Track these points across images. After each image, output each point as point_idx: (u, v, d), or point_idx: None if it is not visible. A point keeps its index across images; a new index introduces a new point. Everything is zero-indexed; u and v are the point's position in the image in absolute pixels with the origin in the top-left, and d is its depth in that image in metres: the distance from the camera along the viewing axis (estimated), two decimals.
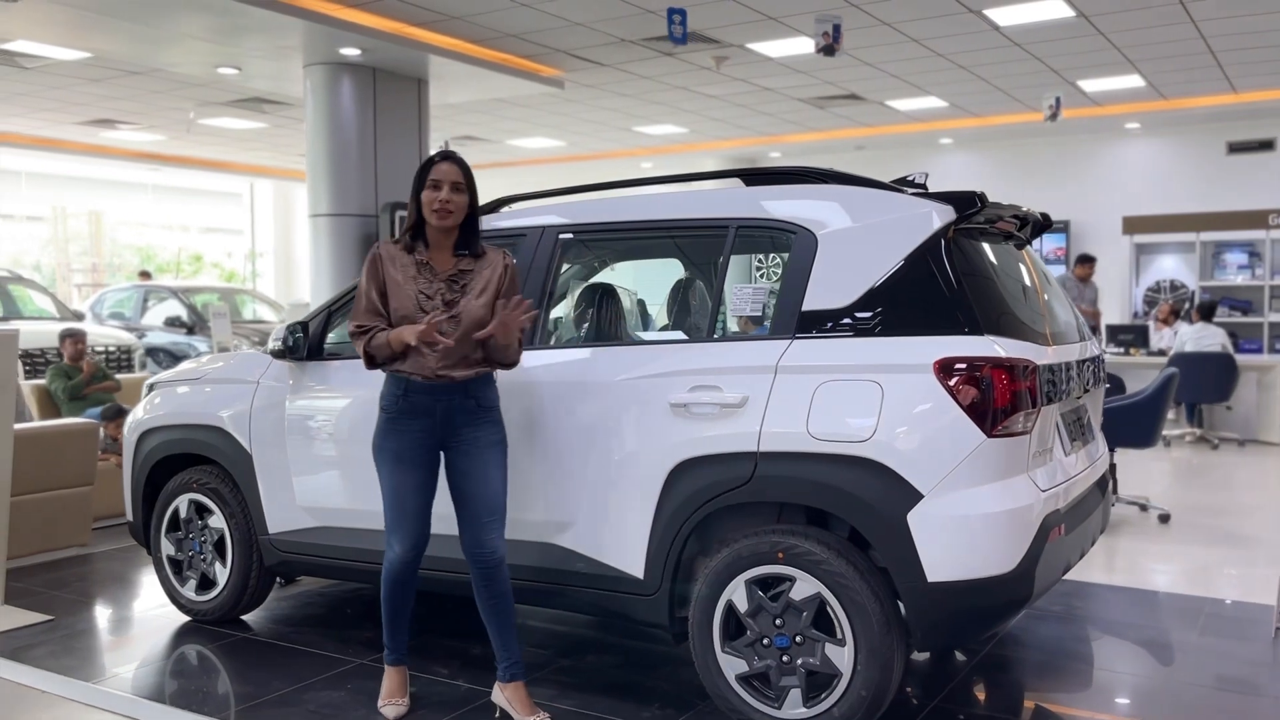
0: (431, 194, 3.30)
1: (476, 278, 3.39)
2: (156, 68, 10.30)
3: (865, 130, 13.79)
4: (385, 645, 3.63)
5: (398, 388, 3.37)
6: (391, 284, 3.35)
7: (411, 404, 3.35)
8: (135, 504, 4.82)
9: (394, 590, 3.52)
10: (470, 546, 3.42)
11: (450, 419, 3.37)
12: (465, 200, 3.33)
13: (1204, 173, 13.18)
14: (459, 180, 3.32)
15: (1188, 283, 13.18)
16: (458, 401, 3.36)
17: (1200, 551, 6.11)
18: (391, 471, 3.39)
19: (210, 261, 21.96)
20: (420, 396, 3.35)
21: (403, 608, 3.56)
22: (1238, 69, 10.42)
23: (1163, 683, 4.04)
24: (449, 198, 3.29)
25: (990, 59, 9.98)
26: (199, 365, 4.88)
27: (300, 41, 8.97)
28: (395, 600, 3.54)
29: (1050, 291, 3.88)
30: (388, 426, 3.40)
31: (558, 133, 14.12)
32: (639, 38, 9.17)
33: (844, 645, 3.13)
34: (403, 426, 3.37)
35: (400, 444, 3.37)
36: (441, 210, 3.30)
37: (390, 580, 3.50)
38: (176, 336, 13.88)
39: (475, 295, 3.36)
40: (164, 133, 14.32)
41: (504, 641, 3.49)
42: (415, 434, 3.37)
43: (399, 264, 3.37)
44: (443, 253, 3.40)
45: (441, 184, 3.30)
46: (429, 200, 3.31)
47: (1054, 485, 3.28)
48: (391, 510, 3.43)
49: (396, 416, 3.37)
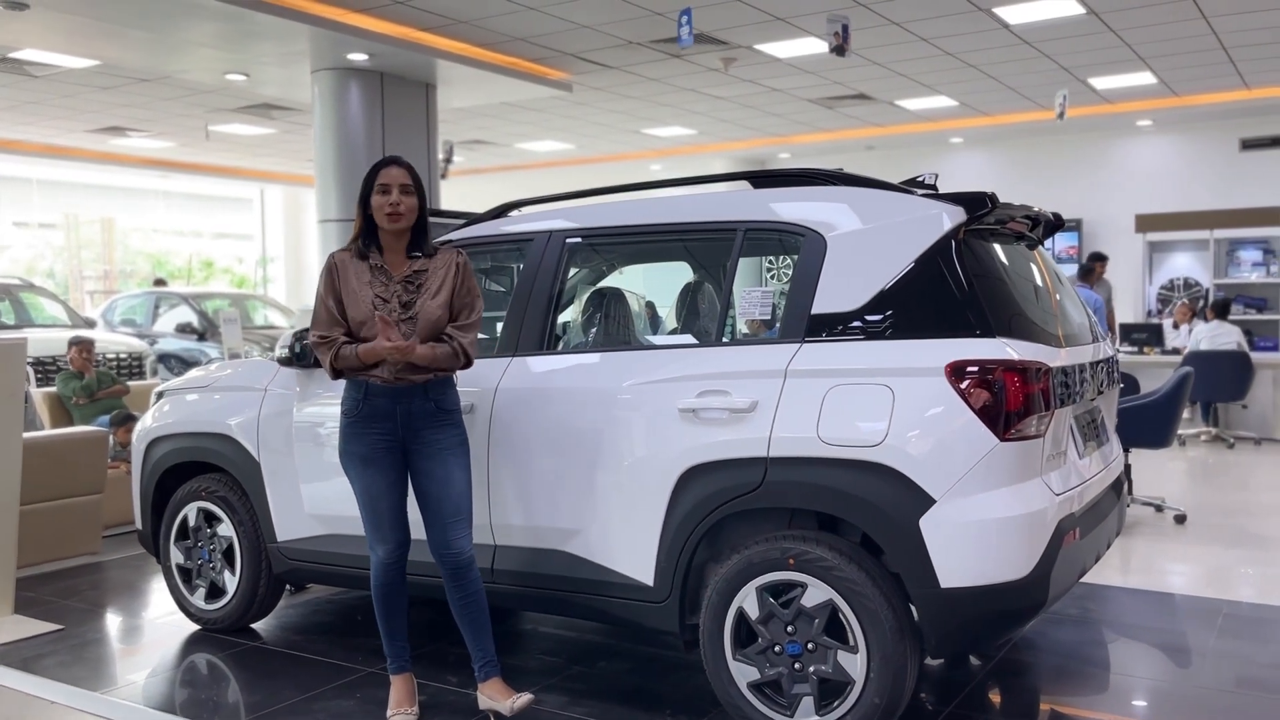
0: (381, 198, 3.33)
1: (431, 277, 3.41)
2: (166, 75, 10.32)
3: (875, 130, 13.74)
4: (386, 654, 3.61)
5: (358, 391, 3.40)
6: (348, 292, 3.38)
7: (372, 407, 3.38)
8: (144, 512, 4.81)
9: (384, 596, 3.51)
10: (437, 547, 3.45)
11: (410, 422, 3.39)
12: (415, 202, 3.37)
13: (1217, 170, 13.08)
14: (407, 183, 3.35)
15: (1201, 281, 13.08)
16: (418, 404, 3.39)
17: (1217, 552, 6.04)
18: (360, 475, 3.42)
19: (221, 267, 22.03)
20: (380, 400, 3.37)
21: (396, 614, 3.55)
22: (1250, 65, 10.34)
23: (1181, 687, 3.99)
24: (399, 200, 3.32)
25: (1000, 57, 9.92)
26: (207, 373, 4.87)
27: (308, 47, 8.97)
28: (387, 606, 3.53)
29: (1063, 292, 3.84)
30: (350, 431, 3.42)
31: (566, 135, 14.11)
32: (647, 40, 9.14)
33: (857, 652, 3.09)
34: (365, 429, 3.39)
35: (365, 447, 3.40)
36: (393, 213, 3.33)
37: (378, 586, 3.49)
38: (188, 343, 13.91)
39: (431, 295, 3.39)
40: (174, 139, 14.37)
41: (478, 641, 3.54)
42: (378, 437, 3.39)
43: (353, 270, 3.40)
44: (396, 255, 3.42)
45: (390, 188, 3.33)
46: (380, 205, 3.34)
47: (1068, 489, 3.23)
48: (367, 514, 3.45)
49: (358, 420, 3.40)
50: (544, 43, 9.25)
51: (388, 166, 3.37)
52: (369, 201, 3.37)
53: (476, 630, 3.52)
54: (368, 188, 3.37)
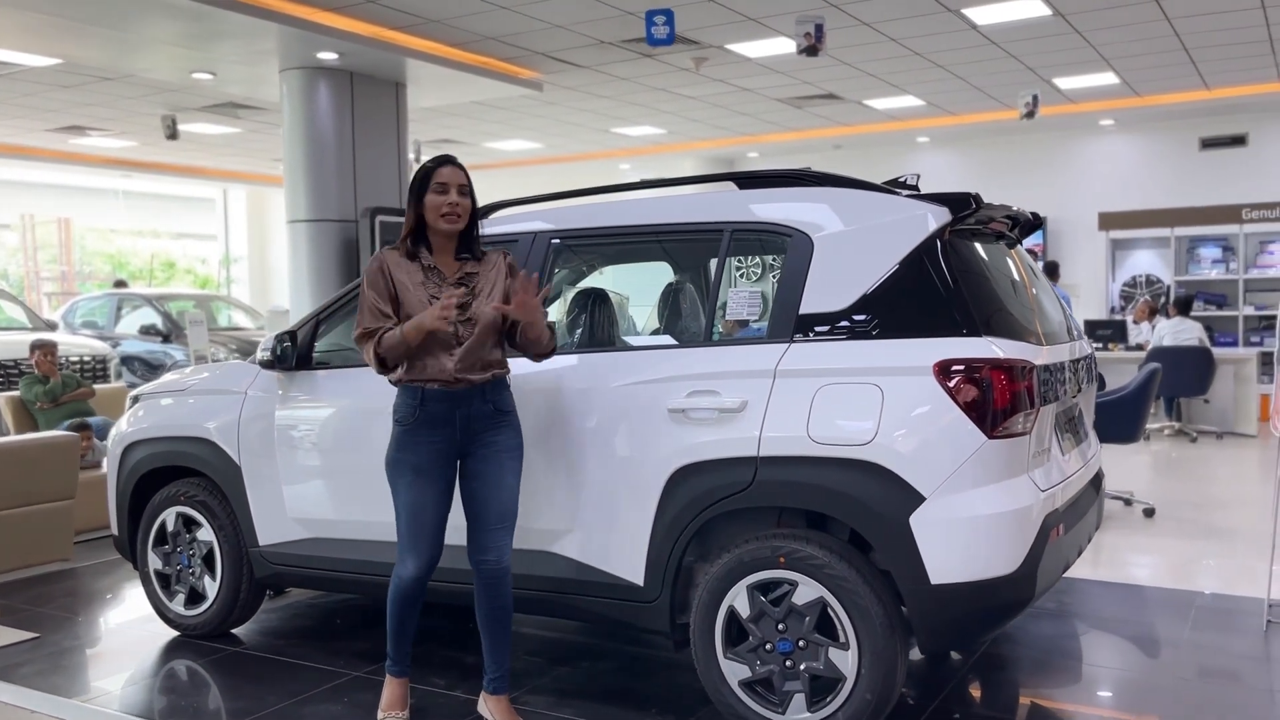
0: (438, 198, 3.25)
1: (483, 280, 3.35)
2: (129, 73, 10.17)
3: (843, 129, 13.82)
4: (389, 655, 3.54)
5: (413, 398, 3.29)
6: (401, 289, 3.28)
7: (430, 414, 3.27)
8: (121, 518, 4.75)
9: (404, 607, 3.42)
10: (477, 552, 3.37)
11: (469, 426, 3.31)
12: (469, 204, 3.31)
13: (1177, 168, 13.30)
14: (464, 183, 3.30)
15: (1163, 278, 13.29)
16: (476, 407, 3.30)
17: (1187, 545, 6.16)
18: (410, 485, 3.30)
19: (183, 268, 21.73)
20: (438, 405, 3.27)
21: (410, 622, 3.47)
22: (1210, 65, 10.51)
23: (1157, 678, 4.06)
24: (457, 201, 3.26)
25: (968, 58, 10.02)
26: (183, 376, 4.81)
27: (276, 46, 8.87)
28: (404, 615, 3.44)
29: (1041, 291, 3.89)
30: (404, 439, 3.30)
31: (536, 135, 14.06)
32: (618, 39, 9.14)
33: (848, 649, 3.12)
34: (421, 438, 3.28)
35: (419, 457, 3.29)
36: (450, 214, 3.26)
37: (401, 598, 3.40)
38: (152, 345, 13.72)
39: (486, 297, 3.32)
40: (136, 139, 14.16)
41: (496, 654, 3.46)
42: (434, 445, 3.29)
43: (405, 270, 3.31)
44: (446, 257, 3.35)
45: (449, 187, 3.26)
46: (436, 204, 3.26)
47: (1052, 485, 3.28)
48: (408, 526, 3.33)
49: (414, 428, 3.28)
50: (515, 42, 9.21)
51: (443, 166, 3.29)
52: (422, 200, 3.27)
53: (498, 642, 3.45)
54: (422, 186, 3.27)
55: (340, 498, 4.06)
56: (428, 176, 3.28)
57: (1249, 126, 12.84)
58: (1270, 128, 12.74)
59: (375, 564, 3.98)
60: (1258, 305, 12.69)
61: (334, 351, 4.33)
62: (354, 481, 4.01)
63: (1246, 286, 12.74)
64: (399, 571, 3.38)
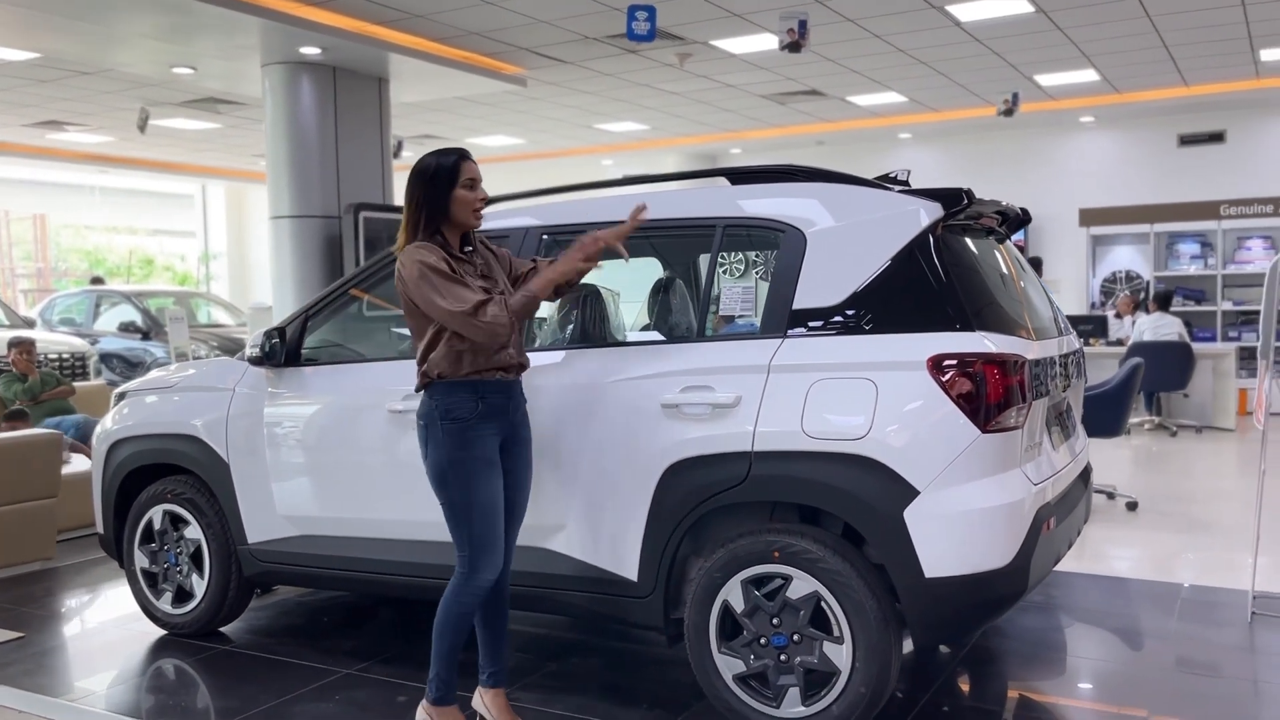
0: (470, 194, 3.17)
1: (496, 270, 3.30)
2: (108, 68, 10.07)
3: (826, 126, 13.86)
4: (438, 680, 3.30)
5: (473, 393, 3.15)
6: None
7: (490, 407, 3.17)
8: (106, 516, 4.71)
9: (468, 623, 3.25)
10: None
11: (514, 419, 3.27)
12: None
13: (1156, 165, 13.41)
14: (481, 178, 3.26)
15: (1142, 273, 13.40)
16: (518, 399, 3.28)
17: (1170, 538, 6.21)
18: (485, 483, 3.15)
19: (162, 265, 21.55)
20: (497, 397, 3.19)
21: (463, 640, 3.28)
22: (1189, 62, 10.60)
23: (1145, 669, 4.10)
24: (484, 197, 3.23)
25: (951, 54, 10.06)
26: (169, 374, 4.77)
27: (258, 41, 8.81)
28: (464, 631, 3.25)
29: (1031, 286, 3.91)
30: (465, 436, 3.14)
31: (518, 130, 14.03)
32: (603, 35, 9.13)
33: (842, 643, 3.13)
34: (483, 433, 3.16)
35: (486, 451, 3.16)
36: (479, 210, 3.21)
37: (465, 614, 3.23)
38: (131, 342, 13.60)
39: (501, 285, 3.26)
40: (113, 134, 14.03)
41: (494, 648, 3.44)
42: (493, 439, 3.19)
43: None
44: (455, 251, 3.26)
45: (477, 183, 3.19)
46: (468, 200, 3.16)
47: (1044, 479, 3.30)
48: (484, 527, 3.16)
49: (477, 423, 3.15)
50: (499, 37, 9.19)
51: (468, 160, 3.19)
52: (451, 194, 3.14)
53: (496, 636, 3.41)
54: (452, 179, 3.14)
55: (331, 495, 4.04)
56: (456, 170, 3.15)
57: (1227, 123, 12.97)
58: (1248, 125, 12.87)
59: (367, 561, 3.97)
60: (1236, 300, 12.82)
61: (323, 348, 4.31)
62: (345, 478, 3.99)
63: (1225, 282, 12.87)
64: (470, 583, 3.19)
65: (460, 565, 3.22)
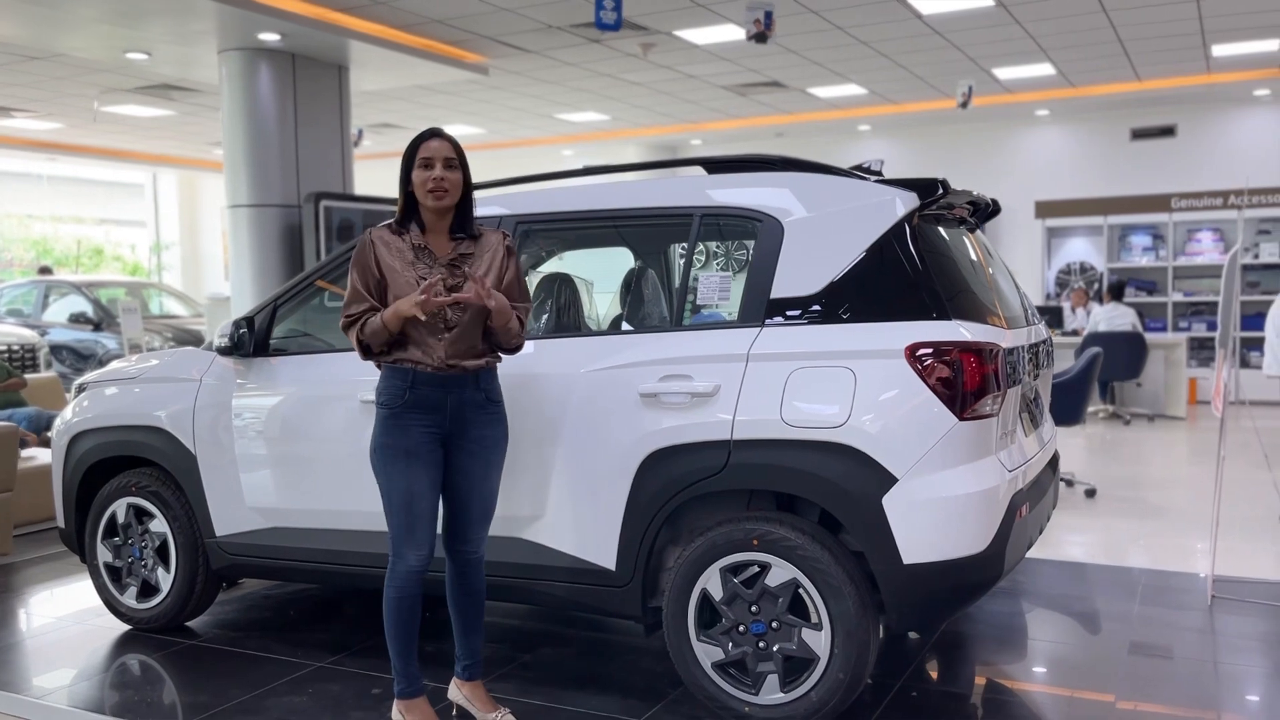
0: (423, 173, 3.11)
1: (478, 261, 3.21)
2: (59, 53, 9.84)
3: (786, 117, 13.91)
4: (397, 674, 3.28)
5: (403, 380, 3.14)
6: (388, 270, 3.14)
7: (419, 397, 3.14)
8: (68, 510, 4.61)
9: (406, 608, 3.20)
10: (454, 543, 3.30)
11: (460, 414, 3.18)
12: (459, 177, 3.16)
13: (1110, 158, 13.63)
14: (451, 156, 3.14)
15: (1096, 265, 13.63)
16: (468, 395, 3.19)
17: (1129, 524, 6.33)
18: (403, 472, 3.13)
19: (111, 255, 21.11)
20: (428, 389, 3.14)
21: (414, 628, 3.24)
22: (1142, 57, 10.78)
23: (1109, 652, 4.17)
24: (443, 175, 3.11)
25: (911, 47, 10.15)
26: (131, 364, 4.68)
27: (214, 26, 8.66)
28: (405, 620, 3.22)
29: (999, 274, 3.96)
30: (391, 423, 3.15)
31: (478, 120, 13.93)
32: (566, 24, 9.08)
33: (820, 629, 3.16)
34: (409, 422, 3.14)
35: (410, 441, 3.13)
36: (436, 189, 3.10)
37: (401, 598, 3.19)
38: (81, 333, 13.33)
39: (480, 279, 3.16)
40: (63, 120, 13.71)
41: (469, 640, 3.41)
42: (423, 430, 3.15)
43: (393, 249, 3.16)
44: (439, 237, 3.20)
45: (433, 162, 3.11)
46: (422, 180, 3.11)
47: (1017, 466, 3.35)
48: (402, 516, 3.14)
49: (401, 412, 3.13)
50: (462, 25, 9.11)
51: (428, 140, 3.13)
52: (410, 178, 3.15)
53: (471, 627, 3.38)
54: (408, 163, 3.14)
55: (302, 486, 3.99)
56: (413, 152, 3.14)
57: (1178, 117, 13.21)
58: (1198, 119, 13.12)
59: (338, 553, 3.93)
60: (1186, 292, 13.09)
61: (291, 337, 4.25)
62: (316, 469, 3.95)
63: (1175, 273, 13.13)
64: (395, 569, 3.18)
65: (389, 551, 3.22)
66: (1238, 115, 12.95)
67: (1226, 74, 11.65)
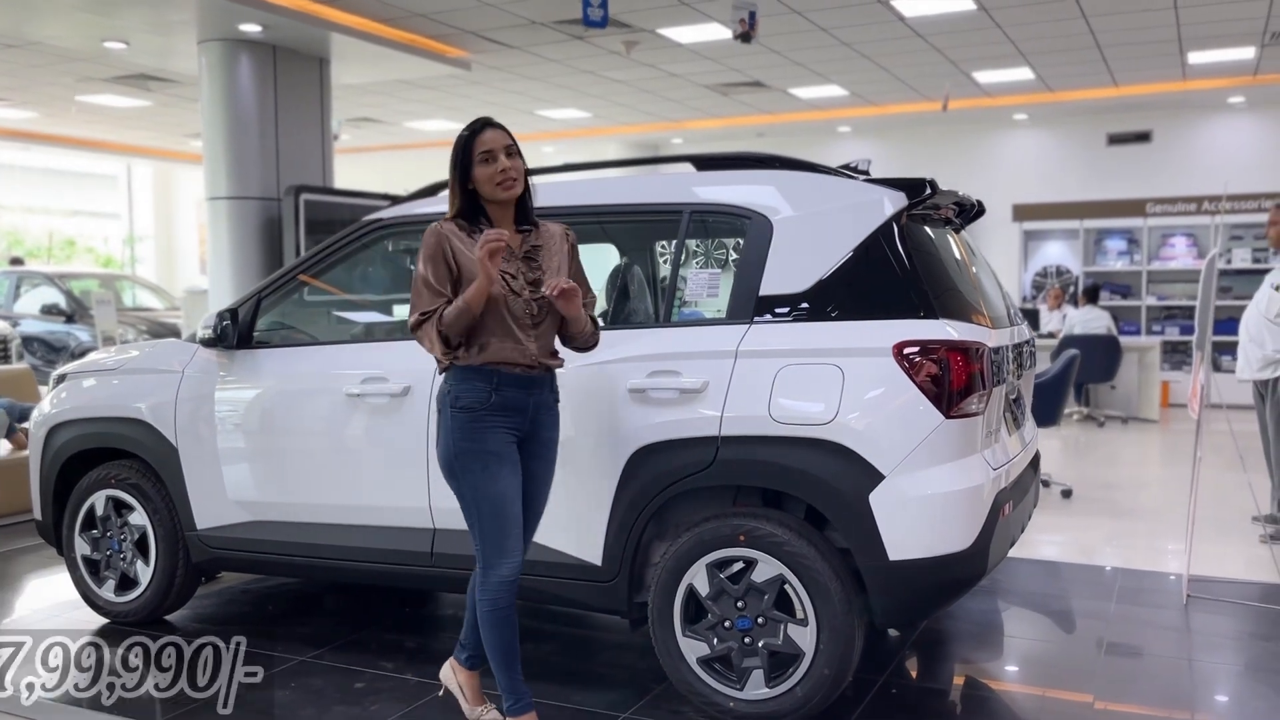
0: (488, 168, 2.97)
1: (548, 252, 3.09)
2: (36, 41, 9.71)
3: (767, 117, 13.94)
4: (503, 690, 3.12)
5: (487, 382, 2.98)
6: (465, 261, 2.96)
7: (504, 399, 2.99)
8: (45, 502, 4.56)
9: (503, 620, 3.05)
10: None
11: (537, 416, 3.07)
12: (522, 165, 3.03)
13: (1086, 163, 13.75)
14: (510, 143, 3.01)
15: (1072, 268, 13.75)
16: (544, 396, 3.09)
17: (1105, 524, 6.40)
18: (492, 477, 2.98)
19: (84, 247, 20.87)
20: (513, 390, 3.00)
21: (513, 640, 3.08)
22: (1120, 63, 10.88)
23: (1087, 650, 4.22)
24: (508, 164, 2.98)
25: (892, 49, 10.19)
26: (110, 355, 4.64)
27: (194, 16, 8.58)
28: (503, 632, 3.06)
29: (984, 274, 3.99)
30: (473, 426, 2.98)
31: (459, 115, 13.85)
32: (550, 20, 9.06)
33: (806, 625, 3.17)
34: (493, 424, 2.98)
35: (496, 444, 2.99)
36: (506, 180, 2.97)
37: (497, 609, 3.03)
38: (54, 325, 13.20)
39: (554, 272, 3.06)
40: (37, 109, 13.54)
41: (476, 630, 3.20)
42: (506, 432, 3.01)
43: (465, 244, 2.99)
44: (505, 229, 3.03)
45: (495, 153, 2.97)
46: (488, 175, 2.97)
47: (1001, 465, 3.38)
48: (494, 522, 2.99)
49: (485, 415, 2.98)
50: (445, 20, 9.07)
51: (483, 131, 2.99)
52: (469, 174, 3.00)
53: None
54: (465, 159, 2.99)
55: (286, 479, 3.97)
56: (468, 147, 2.99)
57: (1153, 123, 13.35)
58: (1173, 125, 13.26)
59: (321, 546, 3.91)
60: (1159, 296, 13.23)
61: (275, 330, 4.23)
62: (300, 462, 3.93)
63: (1149, 278, 13.27)
64: (488, 580, 3.03)
65: (477, 560, 3.08)
66: (1212, 122, 13.11)
67: (1202, 81, 11.78)
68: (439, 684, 3.47)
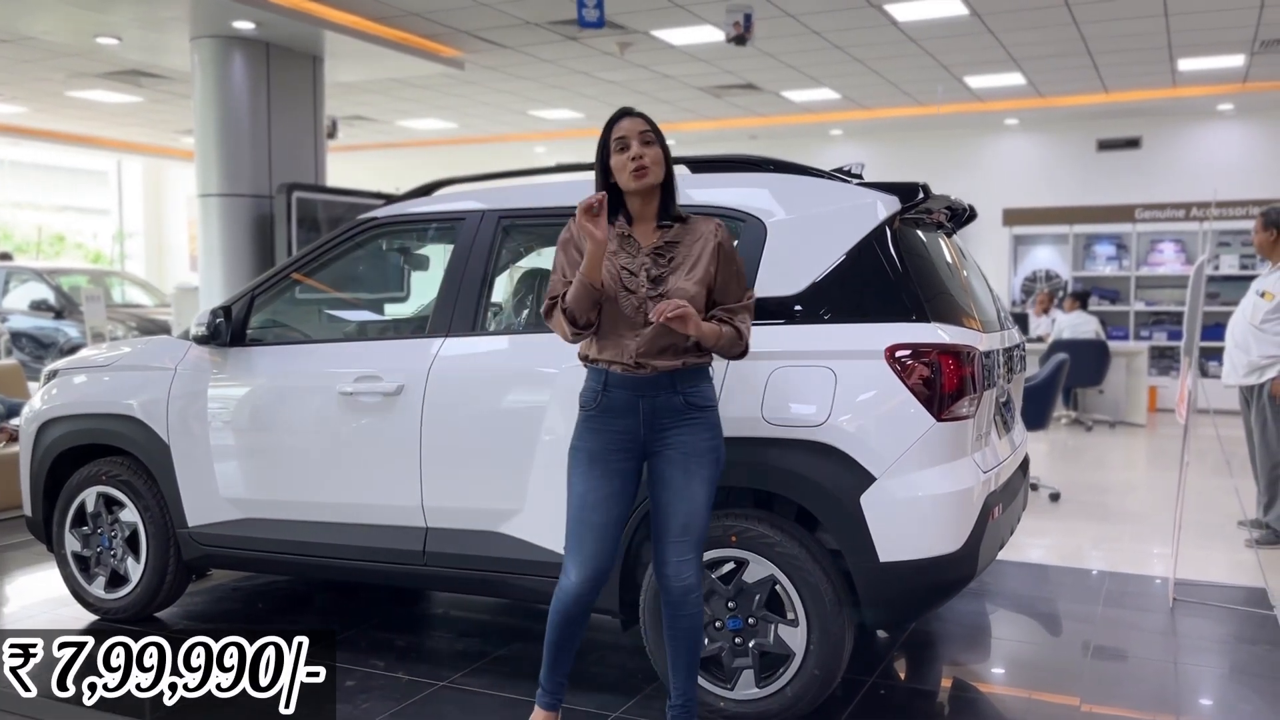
0: (621, 156, 2.87)
1: (684, 251, 2.94)
2: (27, 36, 9.68)
3: (759, 120, 13.98)
4: (541, 682, 3.11)
5: (597, 382, 2.94)
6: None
7: (611, 400, 2.91)
8: (35, 498, 4.55)
9: (558, 627, 2.99)
10: (656, 565, 3.00)
11: (655, 420, 2.91)
12: (659, 153, 2.90)
13: (1076, 168, 13.82)
14: (646, 130, 2.89)
15: (1061, 273, 13.82)
16: (664, 399, 2.90)
17: (1092, 528, 6.44)
18: (583, 477, 2.93)
19: (73, 243, 20.79)
20: (620, 392, 2.90)
21: (569, 645, 3.04)
22: (1110, 70, 10.95)
23: (1073, 653, 4.25)
24: (640, 152, 2.86)
25: (885, 53, 10.23)
26: (103, 352, 4.63)
27: (187, 13, 8.56)
28: (562, 637, 3.01)
29: (975, 279, 4.02)
30: (584, 426, 2.96)
31: (451, 114, 13.87)
32: (544, 20, 9.08)
33: (797, 626, 3.19)
34: (600, 426, 2.93)
35: (596, 445, 2.92)
36: (638, 169, 2.86)
37: (561, 613, 2.97)
38: (42, 321, 13.14)
39: (685, 272, 2.91)
40: (27, 104, 13.49)
41: (678, 678, 3.03)
42: (614, 435, 2.92)
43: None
44: (646, 225, 2.96)
45: (629, 141, 2.87)
46: (621, 163, 2.88)
47: (991, 468, 3.40)
48: (574, 524, 2.94)
49: (596, 415, 2.93)
50: (439, 19, 9.08)
51: (619, 120, 2.91)
52: (608, 164, 2.92)
53: (679, 665, 3.02)
54: (604, 148, 2.92)
55: (279, 477, 3.97)
56: (606, 136, 2.92)
57: (1143, 130, 13.42)
58: (1162, 131, 13.33)
59: (313, 545, 3.91)
60: (1148, 301, 13.30)
61: (269, 327, 4.23)
62: (293, 460, 3.93)
63: (1137, 283, 13.34)
64: (560, 582, 2.97)
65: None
66: (1201, 129, 13.19)
67: (1191, 88, 11.86)
68: (430, 682, 3.48)
